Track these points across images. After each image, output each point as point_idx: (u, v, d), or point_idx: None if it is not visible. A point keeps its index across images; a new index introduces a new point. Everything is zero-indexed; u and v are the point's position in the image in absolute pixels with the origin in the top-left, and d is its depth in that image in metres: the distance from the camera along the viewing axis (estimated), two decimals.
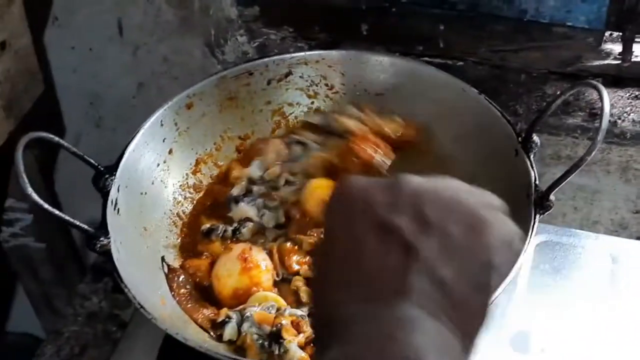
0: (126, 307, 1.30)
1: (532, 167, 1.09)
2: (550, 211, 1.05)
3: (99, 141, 1.69)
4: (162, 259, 1.14)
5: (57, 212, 1.01)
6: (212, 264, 1.12)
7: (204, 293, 1.13)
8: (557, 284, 1.23)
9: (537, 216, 1.04)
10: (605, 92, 1.02)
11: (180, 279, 1.13)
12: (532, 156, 1.10)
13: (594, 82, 1.05)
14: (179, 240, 1.18)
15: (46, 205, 1.00)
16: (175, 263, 1.15)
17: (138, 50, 1.53)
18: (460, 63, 1.45)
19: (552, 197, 1.04)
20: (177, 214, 1.20)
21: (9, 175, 1.50)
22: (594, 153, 1.00)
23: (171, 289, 1.12)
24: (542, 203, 1.04)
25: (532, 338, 1.16)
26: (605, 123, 1.01)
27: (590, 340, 1.16)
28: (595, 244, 1.27)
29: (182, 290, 1.13)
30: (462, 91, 1.20)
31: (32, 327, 2.00)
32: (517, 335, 1.16)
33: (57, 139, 1.08)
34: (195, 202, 1.23)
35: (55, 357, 1.37)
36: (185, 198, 1.22)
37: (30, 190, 0.99)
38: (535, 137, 1.11)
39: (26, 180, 1.00)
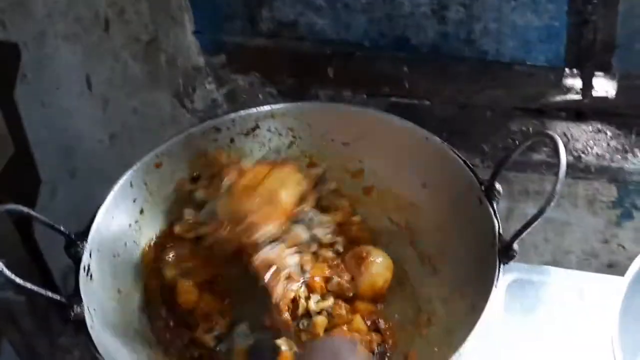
0: None
1: (496, 216, 1.10)
2: (514, 259, 1.08)
3: (75, 190, 1.71)
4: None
5: (28, 285, 1.03)
6: None
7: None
8: (527, 324, 1.26)
9: (502, 265, 1.06)
10: (561, 145, 1.04)
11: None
12: (495, 204, 1.12)
13: (551, 133, 1.06)
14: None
15: (18, 280, 1.02)
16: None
17: (108, 104, 1.54)
18: (427, 102, 1.48)
19: (515, 246, 1.06)
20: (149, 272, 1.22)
21: None
22: (552, 204, 1.02)
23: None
24: (506, 253, 1.06)
25: None
26: (562, 174, 1.03)
27: None
28: (564, 280, 1.31)
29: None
30: (426, 140, 1.21)
31: None
32: None
33: (26, 210, 1.09)
34: None
35: None
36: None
37: (1, 266, 1.01)
38: (497, 186, 1.13)
39: None
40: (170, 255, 1.20)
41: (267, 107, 1.29)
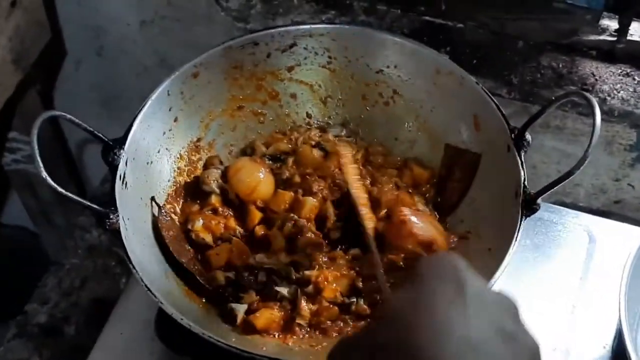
0: None
1: (523, 167, 1.11)
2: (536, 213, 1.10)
3: (100, 67, 1.72)
4: (152, 198, 1.20)
5: (69, 194, 1.06)
6: None
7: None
8: (536, 260, 1.30)
9: (524, 219, 1.09)
10: (597, 107, 1.05)
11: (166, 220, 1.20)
12: (523, 154, 1.13)
13: (587, 95, 1.07)
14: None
15: (60, 189, 1.04)
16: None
17: None
18: (460, 25, 1.46)
19: (539, 200, 1.09)
20: (179, 181, 1.25)
21: (14, 113, 1.53)
22: (583, 167, 1.05)
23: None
24: (529, 206, 1.09)
25: None
26: (596, 136, 1.05)
27: (563, 314, 1.24)
28: (574, 221, 1.34)
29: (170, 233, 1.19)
30: (461, 78, 1.22)
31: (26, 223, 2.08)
32: None
33: (69, 116, 1.10)
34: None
35: (56, 289, 1.43)
36: (187, 164, 1.27)
37: (45, 174, 1.04)
38: (527, 136, 1.13)
39: (41, 165, 1.04)
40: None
41: (306, 26, 1.28)
